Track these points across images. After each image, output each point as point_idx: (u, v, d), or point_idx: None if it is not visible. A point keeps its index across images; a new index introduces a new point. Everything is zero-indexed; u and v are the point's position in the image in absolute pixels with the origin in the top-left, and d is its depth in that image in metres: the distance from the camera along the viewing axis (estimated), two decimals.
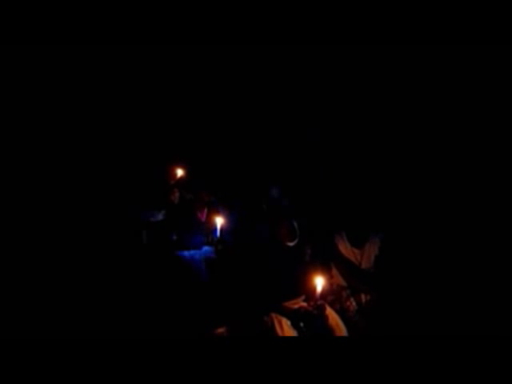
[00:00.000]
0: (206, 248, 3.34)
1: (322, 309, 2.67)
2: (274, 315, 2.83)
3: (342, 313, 3.03)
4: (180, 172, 3.68)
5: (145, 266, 3.19)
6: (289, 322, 2.80)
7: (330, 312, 2.82)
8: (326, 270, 3.03)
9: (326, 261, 3.11)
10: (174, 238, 3.40)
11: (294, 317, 2.80)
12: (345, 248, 3.15)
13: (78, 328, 2.66)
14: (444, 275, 3.11)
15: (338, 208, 3.30)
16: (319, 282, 2.56)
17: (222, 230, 3.26)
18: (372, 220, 3.16)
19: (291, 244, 2.97)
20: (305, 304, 2.84)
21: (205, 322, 2.80)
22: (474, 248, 3.23)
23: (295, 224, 2.97)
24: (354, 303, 3.10)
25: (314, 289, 2.58)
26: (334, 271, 3.17)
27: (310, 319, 2.70)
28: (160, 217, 3.50)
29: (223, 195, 3.62)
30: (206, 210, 3.50)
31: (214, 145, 4.07)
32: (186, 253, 3.29)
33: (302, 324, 2.75)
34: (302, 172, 3.79)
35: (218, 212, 3.37)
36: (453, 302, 2.94)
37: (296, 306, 2.85)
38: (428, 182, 3.62)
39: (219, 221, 3.26)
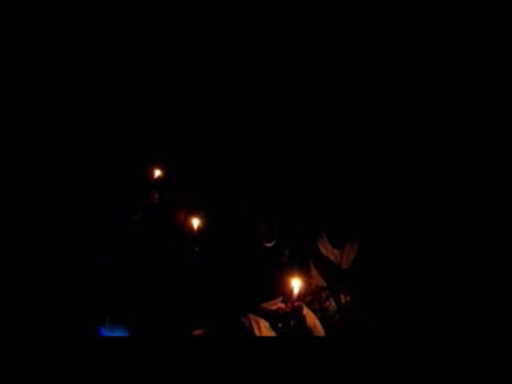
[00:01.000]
0: (184, 249, 3.30)
1: (299, 310, 2.67)
2: (251, 316, 2.81)
3: (322, 313, 3.05)
4: (158, 172, 3.64)
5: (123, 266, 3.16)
6: (267, 323, 2.79)
7: (307, 313, 2.82)
8: (304, 271, 3.04)
9: (305, 261, 3.11)
10: (151, 238, 3.36)
11: (272, 318, 2.79)
12: (325, 248, 3.16)
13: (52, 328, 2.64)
14: (423, 275, 3.14)
15: (319, 208, 3.31)
16: (296, 284, 2.56)
17: (199, 231, 3.24)
18: (353, 221, 3.18)
19: (269, 245, 2.97)
20: (282, 305, 2.84)
21: (182, 324, 2.78)
22: (452, 248, 3.27)
23: (273, 225, 2.97)
24: (333, 304, 3.12)
25: (292, 290, 2.58)
26: (314, 272, 3.18)
27: (288, 320, 2.70)
28: (137, 217, 3.45)
29: (202, 196, 3.59)
30: (183, 211, 3.46)
31: (194, 144, 4.03)
32: (164, 254, 3.25)
33: (279, 325, 2.75)
34: (284, 172, 3.78)
35: (195, 213, 3.34)
36: (433, 302, 2.98)
37: (274, 307, 2.85)
38: (410, 183, 3.64)
39: (196, 222, 3.24)
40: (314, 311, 2.98)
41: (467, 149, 3.54)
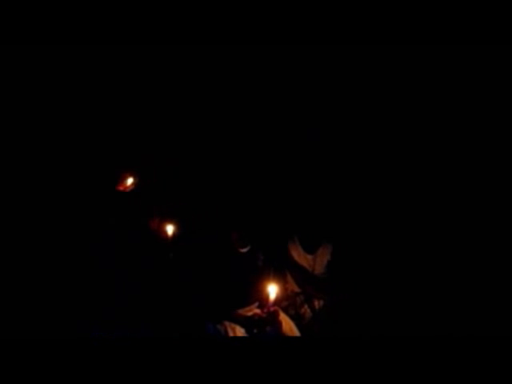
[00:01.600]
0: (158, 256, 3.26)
1: (275, 315, 2.65)
2: (227, 323, 2.80)
3: (297, 318, 3.04)
4: (131, 180, 3.58)
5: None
6: (242, 330, 2.77)
7: (283, 318, 2.81)
8: (279, 276, 3.02)
9: (279, 266, 3.10)
10: (126, 245, 3.30)
11: (248, 324, 2.77)
12: (298, 254, 3.16)
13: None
14: (397, 278, 3.16)
15: (291, 213, 3.30)
16: (272, 289, 2.54)
17: (174, 237, 3.20)
18: (325, 225, 3.18)
19: (243, 250, 2.95)
20: (258, 311, 2.82)
21: (157, 330, 2.75)
22: (423, 249, 3.31)
23: (247, 230, 2.95)
24: (308, 309, 3.11)
25: (267, 295, 2.56)
26: (289, 276, 3.17)
27: (264, 326, 2.68)
28: (111, 224, 3.39)
29: (176, 202, 3.55)
30: (157, 218, 3.41)
31: (168, 150, 3.96)
32: (139, 261, 3.20)
33: (255, 331, 2.72)
34: (256, 178, 3.75)
35: (170, 220, 3.29)
36: (406, 304, 3.00)
37: (249, 313, 2.83)
38: (382, 186, 3.66)
39: (171, 229, 3.19)
40: (291, 316, 2.97)
41: (452, 152, 3.56)
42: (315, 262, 3.15)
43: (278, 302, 2.69)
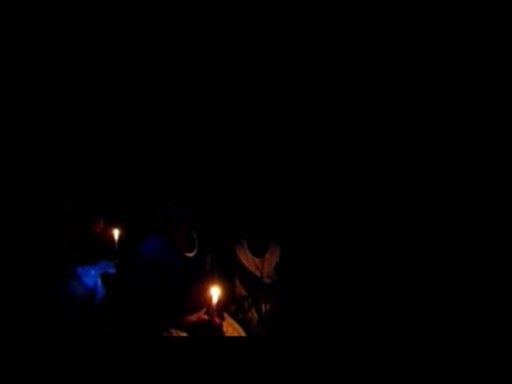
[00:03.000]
0: (103, 262, 3.15)
1: (220, 320, 2.60)
2: (173, 331, 2.72)
3: (245, 323, 3.00)
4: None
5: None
6: None
7: (230, 323, 2.77)
8: (227, 280, 2.98)
9: (227, 270, 3.06)
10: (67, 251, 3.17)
11: (194, 330, 2.71)
12: (245, 257, 3.13)
13: None
14: (343, 281, 3.18)
15: (239, 216, 3.27)
16: (215, 292, 2.49)
17: (120, 242, 3.10)
18: (272, 228, 3.16)
19: (190, 254, 2.89)
20: (205, 316, 2.77)
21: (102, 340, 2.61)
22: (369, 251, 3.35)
23: (194, 234, 2.89)
24: (255, 313, 3.09)
25: (210, 299, 2.51)
26: (237, 280, 3.14)
27: (209, 331, 2.62)
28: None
29: (121, 205, 3.45)
30: (102, 221, 3.30)
31: (109, 151, 3.86)
32: (79, 268, 3.07)
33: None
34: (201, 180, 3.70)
35: (115, 223, 3.19)
36: (353, 308, 3.01)
37: (195, 319, 2.77)
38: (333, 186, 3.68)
39: (117, 232, 3.10)
40: (239, 321, 2.94)
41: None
42: (263, 265, 3.13)
43: (225, 305, 2.65)
